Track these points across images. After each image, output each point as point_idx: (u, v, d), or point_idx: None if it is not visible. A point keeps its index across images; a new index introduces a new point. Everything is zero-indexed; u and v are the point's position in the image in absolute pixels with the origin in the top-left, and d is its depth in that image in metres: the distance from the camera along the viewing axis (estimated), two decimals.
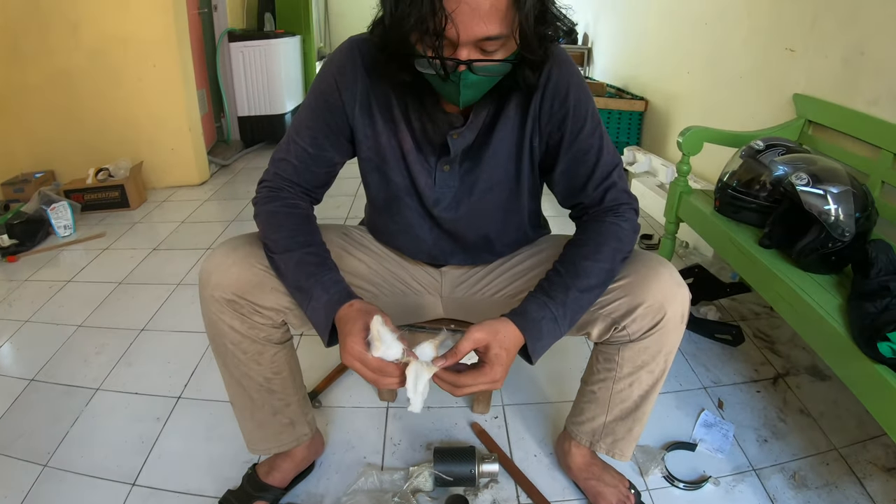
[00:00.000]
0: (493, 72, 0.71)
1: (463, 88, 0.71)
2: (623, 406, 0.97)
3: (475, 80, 0.71)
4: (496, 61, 0.70)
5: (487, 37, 0.66)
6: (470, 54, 0.68)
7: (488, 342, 0.75)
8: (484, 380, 0.74)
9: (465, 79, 0.70)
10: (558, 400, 1.37)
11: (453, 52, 0.68)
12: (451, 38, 0.66)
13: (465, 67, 0.68)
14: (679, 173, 1.72)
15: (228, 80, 3.73)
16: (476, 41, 0.67)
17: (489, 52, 0.69)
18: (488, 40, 0.67)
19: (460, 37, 0.66)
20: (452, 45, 0.68)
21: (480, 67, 0.69)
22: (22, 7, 2.62)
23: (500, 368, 0.75)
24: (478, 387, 0.74)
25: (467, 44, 0.67)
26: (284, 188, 0.90)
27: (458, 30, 0.65)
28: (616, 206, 0.88)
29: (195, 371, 1.47)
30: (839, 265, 1.20)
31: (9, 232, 2.24)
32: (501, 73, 0.73)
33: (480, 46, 0.68)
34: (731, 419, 1.30)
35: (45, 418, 1.32)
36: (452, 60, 0.68)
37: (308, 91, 0.91)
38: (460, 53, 0.68)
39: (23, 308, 1.84)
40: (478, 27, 0.65)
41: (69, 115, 2.83)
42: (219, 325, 0.88)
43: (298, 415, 1.04)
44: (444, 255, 1.02)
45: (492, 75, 0.72)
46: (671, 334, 0.87)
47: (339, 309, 0.78)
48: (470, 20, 0.65)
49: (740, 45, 2.13)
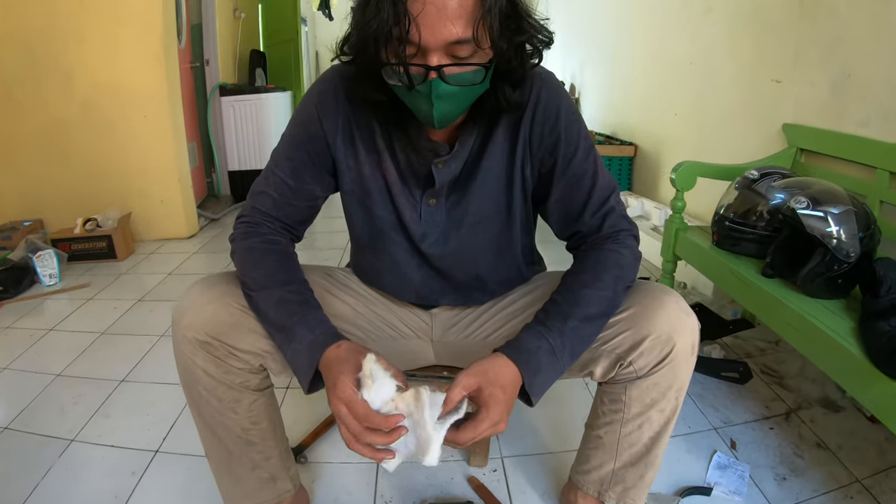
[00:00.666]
0: (465, 81, 0.67)
1: (435, 100, 0.67)
2: (633, 450, 0.89)
3: (448, 91, 0.67)
4: (469, 65, 0.66)
5: (457, 40, 0.63)
6: (440, 61, 0.65)
7: (479, 384, 0.68)
8: (484, 426, 0.67)
9: (437, 88, 0.66)
10: (561, 450, 1.28)
11: (424, 60, 0.65)
12: (417, 42, 0.63)
13: (435, 75, 0.64)
14: (674, 210, 1.69)
15: (219, 133, 3.76)
16: (445, 45, 0.64)
17: (461, 59, 0.65)
18: (458, 44, 0.64)
19: (428, 40, 0.62)
20: (422, 53, 0.64)
21: (452, 75, 0.66)
22: (17, 55, 2.66)
23: (497, 409, 0.68)
24: (480, 435, 0.67)
25: (436, 49, 0.64)
26: (263, 223, 0.86)
27: (423, 33, 0.62)
28: (615, 233, 0.84)
29: (175, 424, 1.38)
30: (846, 288, 1.16)
31: None
32: (475, 82, 0.68)
33: (451, 52, 0.65)
34: (746, 459, 1.23)
35: (17, 468, 1.24)
36: (420, 66, 0.64)
37: (289, 122, 0.88)
38: (430, 60, 0.64)
39: (2, 355, 1.78)
40: (445, 29, 0.62)
41: (60, 163, 2.82)
42: (192, 368, 0.81)
43: (280, 469, 0.95)
44: (433, 295, 0.96)
45: (465, 85, 0.68)
46: (681, 367, 0.81)
47: (326, 350, 0.72)
48: (436, 22, 0.62)
49: (726, 81, 2.16)
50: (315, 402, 1.45)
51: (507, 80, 0.74)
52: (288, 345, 0.75)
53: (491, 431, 0.68)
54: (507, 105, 0.76)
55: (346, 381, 0.66)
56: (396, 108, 0.78)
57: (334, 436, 1.34)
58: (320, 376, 0.74)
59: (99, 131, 2.79)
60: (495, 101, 0.75)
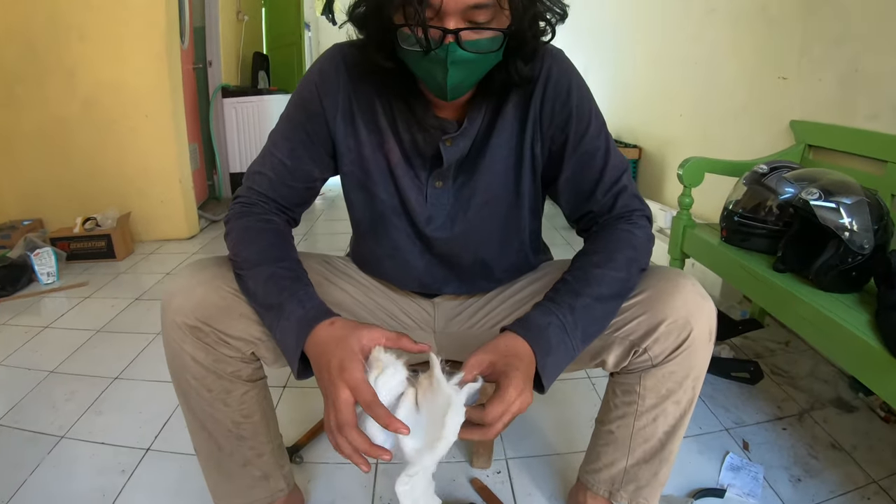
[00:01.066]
0: (482, 48, 0.65)
1: (451, 66, 0.64)
2: (647, 446, 0.84)
3: (463, 57, 0.64)
4: (487, 29, 0.64)
5: (476, 3, 0.61)
6: (458, 25, 0.62)
7: (491, 360, 0.64)
8: (511, 395, 0.61)
9: (453, 53, 0.63)
10: (568, 451, 1.23)
11: (441, 23, 0.63)
12: (436, 4, 0.61)
13: (452, 38, 0.62)
14: (681, 206, 1.66)
15: (221, 135, 3.75)
16: (464, 9, 0.62)
17: (478, 24, 0.63)
18: (477, 9, 0.62)
19: (448, 2, 0.60)
20: (440, 16, 0.62)
21: (469, 41, 0.63)
22: (19, 52, 2.65)
23: (518, 375, 0.62)
24: (508, 413, 0.61)
25: (455, 13, 0.62)
26: (258, 203, 0.83)
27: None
28: (628, 213, 0.81)
29: (167, 422, 1.35)
30: (860, 281, 1.12)
31: None
32: (491, 49, 0.66)
33: (468, 17, 0.63)
34: (759, 460, 1.18)
35: (4, 464, 1.21)
36: (439, 29, 0.62)
37: (288, 101, 0.85)
38: (448, 23, 0.62)
39: None
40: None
41: (60, 162, 2.81)
42: (181, 356, 0.77)
43: (273, 467, 0.91)
44: (436, 283, 0.92)
45: (481, 52, 0.65)
46: (699, 354, 0.76)
47: (317, 326, 0.67)
48: None
49: (731, 80, 2.14)
50: (312, 401, 1.42)
51: (519, 54, 0.71)
52: (277, 322, 0.70)
53: (519, 404, 0.62)
54: (518, 79, 0.74)
55: (357, 365, 0.62)
56: (403, 83, 0.75)
57: None
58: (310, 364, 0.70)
59: (100, 130, 2.77)
60: (506, 74, 0.73)
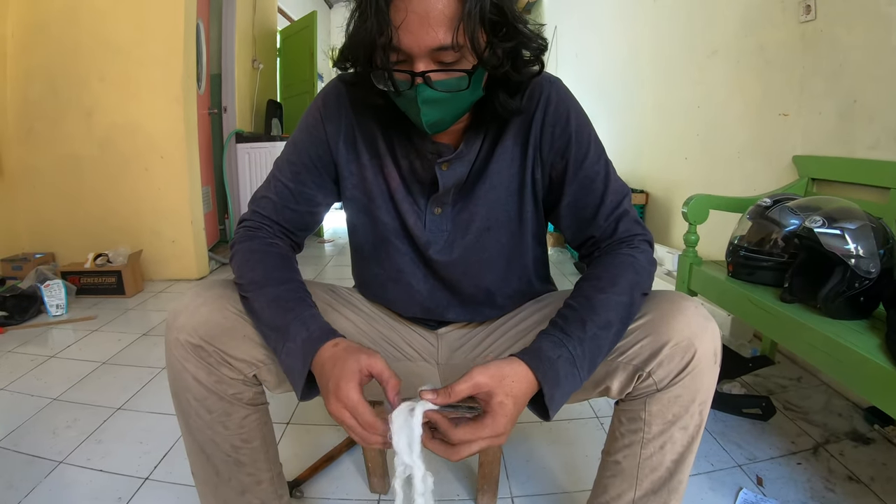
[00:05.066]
0: (451, 87, 0.67)
1: (422, 105, 0.67)
2: (654, 476, 0.80)
3: (434, 96, 0.67)
4: (452, 70, 0.66)
5: (439, 46, 0.64)
6: (426, 66, 0.65)
7: (491, 389, 0.63)
8: (485, 434, 0.62)
9: (422, 93, 0.66)
10: (574, 490, 1.20)
11: (410, 66, 0.66)
12: (403, 49, 0.64)
13: (421, 80, 0.65)
14: (687, 244, 1.66)
15: (234, 179, 3.84)
16: (429, 52, 0.65)
17: (447, 65, 0.66)
18: (442, 50, 0.64)
19: (411, 47, 0.64)
20: (409, 59, 0.66)
21: (439, 81, 0.66)
22: (41, 91, 2.76)
23: (503, 420, 0.62)
24: (477, 444, 0.62)
25: (421, 56, 0.65)
26: (263, 227, 0.84)
27: (406, 40, 0.63)
28: (630, 238, 0.81)
29: (168, 453, 1.32)
30: (868, 307, 1.11)
31: (1, 304, 2.21)
32: (461, 88, 0.68)
33: (436, 59, 0.66)
34: (775, 495, 1.14)
35: (1, 485, 1.20)
36: (406, 73, 0.65)
37: (294, 130, 0.88)
38: (416, 66, 0.65)
39: (0, 377, 1.76)
40: (427, 36, 0.63)
41: (75, 199, 2.88)
42: (182, 375, 0.76)
43: (271, 496, 0.88)
44: (439, 308, 0.92)
45: (450, 91, 0.68)
46: (704, 377, 0.74)
47: (321, 348, 0.68)
48: (418, 29, 0.63)
49: (734, 120, 2.18)
50: (316, 437, 1.39)
51: (504, 87, 0.74)
52: (282, 344, 0.71)
53: (489, 442, 0.63)
54: (505, 112, 0.76)
55: (350, 385, 0.62)
56: (397, 112, 0.77)
57: (334, 471, 1.27)
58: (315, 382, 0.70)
59: (115, 169, 2.85)
60: (493, 108, 0.75)
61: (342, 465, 1.29)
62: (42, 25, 2.72)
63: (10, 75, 2.77)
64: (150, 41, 2.73)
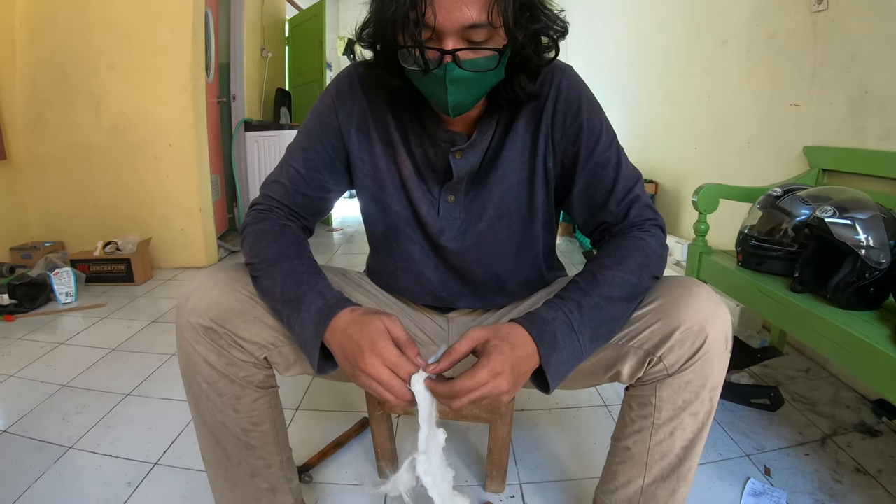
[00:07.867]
0: (480, 66, 0.67)
1: (450, 84, 0.67)
2: (664, 462, 0.81)
3: (462, 76, 0.67)
4: (484, 49, 0.66)
5: (472, 24, 0.64)
6: (456, 45, 0.65)
7: (487, 336, 0.65)
8: (482, 376, 0.62)
9: (451, 72, 0.66)
10: (583, 476, 1.20)
11: (439, 44, 0.65)
12: (433, 25, 0.64)
13: (450, 59, 0.65)
14: (697, 233, 1.65)
15: (242, 167, 3.84)
16: (460, 29, 0.64)
17: (476, 44, 0.66)
18: (473, 28, 0.64)
19: (443, 24, 0.63)
20: (438, 36, 0.65)
21: (467, 61, 0.66)
22: (50, 78, 2.77)
23: (500, 358, 0.63)
24: (478, 391, 0.62)
25: (452, 33, 0.64)
26: (274, 209, 0.85)
27: (439, 16, 0.63)
28: (641, 222, 0.81)
29: (178, 438, 1.34)
30: (878, 298, 1.10)
31: (10, 292, 2.23)
32: (489, 67, 0.68)
33: (466, 37, 0.65)
34: (782, 486, 1.14)
35: (10, 470, 1.21)
36: (436, 50, 0.65)
37: (307, 116, 0.88)
38: (446, 44, 0.65)
39: (10, 364, 1.78)
40: (460, 12, 0.63)
41: (84, 187, 2.89)
42: (193, 357, 0.77)
43: (280, 480, 0.89)
44: (451, 296, 0.93)
45: (479, 71, 0.68)
46: (715, 362, 0.74)
47: (339, 313, 0.68)
48: (452, 5, 0.63)
49: (744, 110, 2.16)
50: (325, 423, 1.40)
51: (524, 70, 0.74)
52: (296, 316, 0.70)
53: (490, 387, 0.63)
54: (524, 95, 0.76)
55: (386, 342, 0.64)
56: (413, 99, 0.77)
57: (343, 457, 1.28)
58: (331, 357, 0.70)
59: (124, 157, 2.86)
60: (512, 91, 0.75)
61: (351, 451, 1.30)
62: (51, 14, 2.72)
63: (18, 64, 2.78)
64: (159, 29, 2.73)
